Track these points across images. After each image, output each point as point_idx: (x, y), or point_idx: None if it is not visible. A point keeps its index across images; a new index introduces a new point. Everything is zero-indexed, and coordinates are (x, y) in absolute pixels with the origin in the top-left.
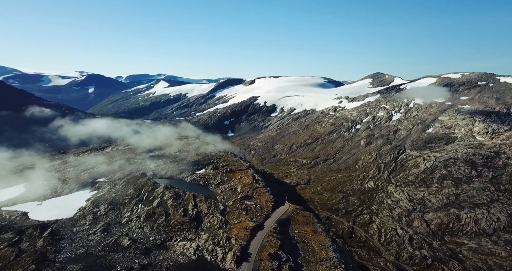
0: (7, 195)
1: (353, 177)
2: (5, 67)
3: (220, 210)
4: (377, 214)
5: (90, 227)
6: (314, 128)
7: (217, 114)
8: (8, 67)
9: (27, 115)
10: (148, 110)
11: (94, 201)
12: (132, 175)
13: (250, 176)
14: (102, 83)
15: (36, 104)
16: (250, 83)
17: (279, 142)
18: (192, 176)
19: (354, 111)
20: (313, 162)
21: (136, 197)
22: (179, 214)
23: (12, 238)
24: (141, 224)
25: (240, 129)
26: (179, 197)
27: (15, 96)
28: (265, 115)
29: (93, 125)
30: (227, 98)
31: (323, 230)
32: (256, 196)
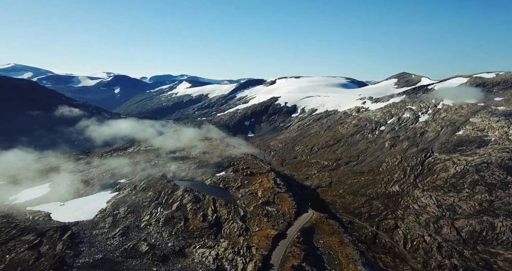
0: (33, 194)
1: (376, 180)
2: (39, 69)
3: (240, 216)
4: (402, 220)
5: (109, 230)
6: (336, 129)
7: (238, 114)
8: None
9: (57, 115)
10: (171, 110)
11: (114, 203)
12: (152, 177)
13: (271, 180)
14: (128, 84)
15: (66, 104)
16: (271, 83)
17: (300, 143)
18: (212, 178)
19: (378, 112)
20: (335, 164)
21: (155, 200)
22: (198, 219)
23: (33, 240)
24: (160, 229)
25: (260, 129)
26: (199, 200)
27: (47, 96)
28: (285, 115)
29: (118, 126)
30: (247, 99)
31: (351, 241)
32: (278, 202)
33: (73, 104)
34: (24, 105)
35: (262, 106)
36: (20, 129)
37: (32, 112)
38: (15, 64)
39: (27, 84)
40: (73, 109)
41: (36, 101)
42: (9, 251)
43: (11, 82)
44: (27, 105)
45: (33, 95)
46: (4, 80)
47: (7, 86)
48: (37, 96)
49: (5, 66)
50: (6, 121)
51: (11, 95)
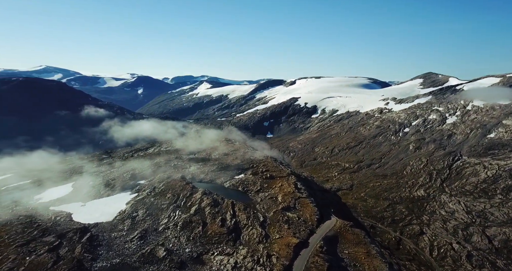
0: (56, 194)
1: (400, 183)
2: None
3: (260, 222)
4: (428, 225)
5: (128, 233)
6: (358, 130)
7: (257, 115)
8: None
9: (83, 115)
10: (191, 110)
11: (133, 205)
12: (171, 178)
13: (291, 184)
14: (150, 84)
15: (92, 104)
16: (291, 84)
17: (320, 145)
18: (231, 181)
19: (402, 113)
20: (356, 166)
21: (174, 203)
22: (216, 224)
23: (53, 242)
24: (178, 233)
25: (279, 130)
26: (217, 204)
27: (74, 96)
28: (305, 116)
29: (139, 127)
30: (267, 99)
31: (378, 252)
32: (299, 208)
33: (99, 104)
34: (53, 105)
35: (281, 107)
36: (47, 129)
37: (60, 112)
38: (47, 66)
39: (57, 85)
40: (99, 109)
41: (64, 101)
42: (30, 253)
43: (42, 83)
44: (56, 105)
45: (61, 96)
46: (36, 81)
47: (39, 87)
48: (65, 96)
49: (37, 68)
50: (35, 121)
51: (42, 96)
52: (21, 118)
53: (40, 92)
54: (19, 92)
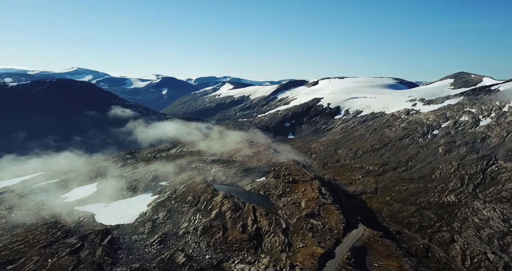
0: (81, 194)
1: (428, 188)
2: (98, 72)
3: (283, 229)
4: (460, 233)
5: (148, 236)
6: (383, 132)
7: (278, 116)
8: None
9: (110, 116)
10: (214, 111)
11: (154, 207)
12: (192, 180)
13: (315, 189)
14: (174, 85)
15: (119, 105)
16: (313, 84)
17: (343, 147)
18: (252, 184)
19: (431, 115)
20: (381, 169)
21: (194, 206)
22: (237, 230)
23: (74, 244)
24: (198, 238)
25: (301, 131)
26: (238, 208)
27: (103, 97)
28: (328, 117)
29: (164, 128)
30: (288, 100)
31: (412, 267)
32: (324, 214)
33: (125, 105)
34: (82, 106)
35: (303, 107)
36: (76, 129)
37: (88, 112)
38: (78, 68)
39: (87, 86)
40: (125, 109)
41: (93, 102)
42: (52, 255)
43: (73, 85)
44: (85, 106)
45: (91, 96)
46: (67, 83)
47: (70, 88)
48: (94, 97)
49: (70, 69)
50: (65, 121)
51: (73, 97)
52: (53, 118)
53: (71, 93)
54: (53, 93)
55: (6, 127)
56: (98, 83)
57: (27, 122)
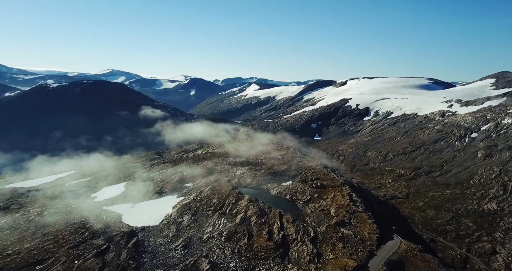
0: (110, 193)
1: (466, 194)
2: (130, 73)
3: (311, 237)
4: (502, 244)
5: (172, 240)
6: (416, 135)
7: (304, 116)
8: (132, 73)
9: (140, 116)
10: (240, 111)
11: (179, 209)
12: (218, 182)
13: (346, 196)
14: (202, 86)
15: (149, 105)
16: (341, 84)
17: (372, 149)
18: (279, 188)
19: (469, 117)
20: (414, 173)
21: (219, 209)
22: (263, 237)
23: (101, 246)
24: (222, 244)
25: (328, 133)
26: (264, 214)
27: (134, 98)
28: (356, 118)
29: (192, 130)
30: (315, 101)
31: None
32: (355, 223)
33: (155, 105)
34: (115, 106)
35: (330, 108)
36: (107, 129)
37: (120, 113)
38: (113, 70)
39: (119, 87)
40: (155, 110)
41: (125, 102)
42: (79, 256)
43: (107, 86)
44: (117, 106)
45: (123, 97)
46: (102, 84)
47: (104, 89)
48: (126, 97)
49: (105, 71)
50: (98, 121)
51: (107, 97)
52: (87, 118)
53: (105, 93)
54: (88, 93)
55: (45, 126)
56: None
57: (64, 122)
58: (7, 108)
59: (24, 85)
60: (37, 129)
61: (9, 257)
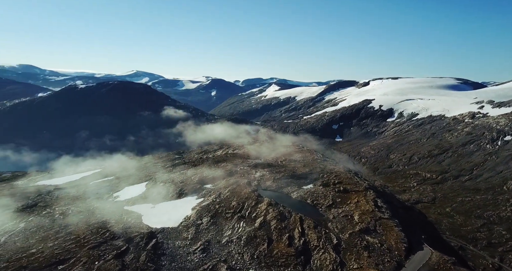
0: (131, 193)
1: (498, 201)
2: (153, 74)
3: (333, 245)
4: None
5: (191, 242)
6: (443, 137)
7: (325, 117)
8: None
9: (163, 116)
10: (259, 112)
11: (198, 211)
12: (237, 184)
13: (370, 201)
14: (223, 87)
15: (171, 105)
16: (364, 85)
17: (396, 151)
18: (299, 191)
19: (502, 119)
20: (440, 177)
21: (238, 212)
22: (283, 242)
23: (120, 247)
24: (241, 248)
25: (349, 134)
26: (284, 218)
27: (157, 98)
28: (379, 120)
29: (213, 131)
30: (336, 101)
31: None
32: (381, 231)
33: (177, 106)
34: (138, 107)
35: (352, 109)
36: (130, 128)
37: (143, 113)
38: (137, 71)
39: (143, 88)
40: (177, 110)
41: (148, 103)
42: (99, 257)
43: (131, 86)
44: (141, 106)
45: (146, 97)
46: (127, 85)
47: (129, 89)
48: (150, 98)
49: (129, 72)
50: (122, 121)
51: (131, 98)
52: (112, 118)
53: (130, 94)
54: (114, 94)
55: (72, 126)
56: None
57: (90, 122)
58: (39, 108)
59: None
60: (65, 129)
61: (33, 255)
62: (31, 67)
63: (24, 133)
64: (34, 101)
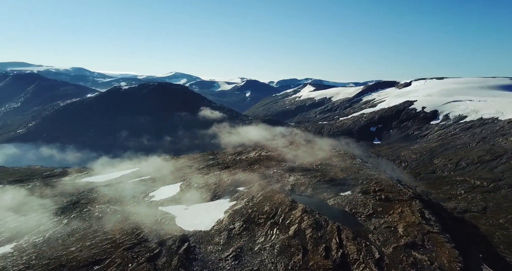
0: (166, 193)
1: None
2: (191, 75)
3: (375, 259)
4: None
5: (223, 248)
6: (496, 141)
7: (363, 119)
8: (193, 75)
9: (199, 117)
10: (293, 113)
11: (231, 214)
12: (270, 188)
13: (416, 212)
14: (257, 88)
15: (207, 106)
16: (405, 85)
17: (441, 156)
18: (336, 198)
19: None
20: (493, 185)
21: (271, 218)
22: (319, 254)
23: (153, 249)
24: (275, 258)
25: (388, 137)
26: (320, 227)
27: (193, 99)
28: (422, 122)
29: (248, 133)
30: (375, 102)
31: None
32: (430, 247)
33: (212, 106)
34: (176, 107)
35: (392, 111)
36: (168, 129)
37: (180, 113)
38: (176, 72)
39: (181, 89)
40: (213, 111)
41: (185, 103)
42: (132, 259)
43: (170, 87)
44: (178, 107)
45: (184, 98)
46: (166, 86)
47: (168, 90)
48: (187, 99)
49: (169, 74)
50: (160, 121)
51: (169, 98)
52: (151, 118)
53: (168, 95)
54: (154, 95)
55: (115, 126)
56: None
57: (130, 122)
58: (87, 108)
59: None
60: (108, 129)
61: (72, 254)
62: (82, 70)
63: (70, 133)
64: (83, 101)
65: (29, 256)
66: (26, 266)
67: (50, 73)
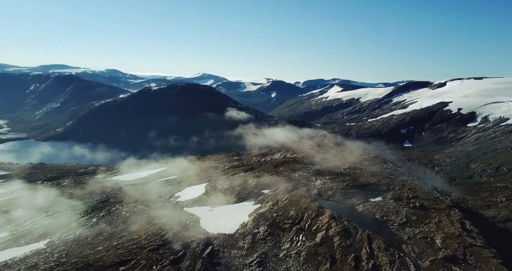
0: (191, 194)
1: None
2: (218, 76)
3: None
4: None
5: (247, 253)
6: None
7: (393, 121)
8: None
9: (226, 117)
10: (319, 114)
11: (255, 218)
12: (296, 192)
13: (456, 223)
14: (283, 88)
15: (233, 107)
16: (439, 86)
17: (478, 160)
18: (365, 204)
19: None
20: None
21: (297, 223)
22: (348, 264)
23: (177, 252)
24: (301, 266)
25: (420, 139)
26: (349, 235)
27: (220, 100)
28: (457, 124)
29: (274, 135)
30: (406, 103)
31: None
32: (473, 262)
33: (238, 107)
34: (203, 108)
35: (425, 112)
36: (194, 129)
37: (207, 114)
38: (203, 73)
39: (208, 90)
40: (240, 111)
41: (212, 104)
42: (157, 261)
43: (198, 88)
44: (205, 108)
45: (210, 99)
46: (193, 87)
47: (195, 91)
48: (213, 99)
49: (196, 75)
50: (187, 122)
51: (196, 99)
52: (178, 119)
53: (195, 95)
54: (182, 96)
55: (144, 126)
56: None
57: (159, 122)
58: (119, 109)
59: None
60: (137, 129)
61: (100, 253)
62: (115, 71)
63: (103, 132)
64: (116, 102)
65: (60, 254)
66: (57, 263)
67: (86, 75)
